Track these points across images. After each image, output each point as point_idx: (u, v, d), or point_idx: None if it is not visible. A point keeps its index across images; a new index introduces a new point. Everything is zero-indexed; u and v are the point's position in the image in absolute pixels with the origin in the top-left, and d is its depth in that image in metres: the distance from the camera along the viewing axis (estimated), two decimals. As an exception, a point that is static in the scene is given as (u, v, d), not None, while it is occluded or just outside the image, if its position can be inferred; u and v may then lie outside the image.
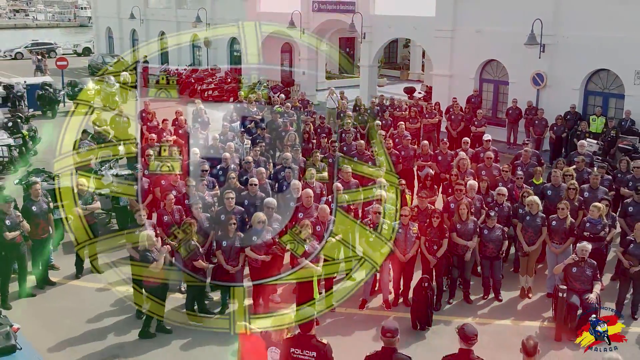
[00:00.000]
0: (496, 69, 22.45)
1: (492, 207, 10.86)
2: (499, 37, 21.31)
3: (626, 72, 18.65)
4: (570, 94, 19.86)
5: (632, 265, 9.48)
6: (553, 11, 19.87)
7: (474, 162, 13.58)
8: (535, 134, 19.16)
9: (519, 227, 10.49)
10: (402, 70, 39.88)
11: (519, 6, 20.57)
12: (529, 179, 12.40)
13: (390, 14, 25.54)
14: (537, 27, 19.66)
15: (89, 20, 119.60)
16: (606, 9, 18.75)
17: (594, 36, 18.92)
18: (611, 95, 19.52)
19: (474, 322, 8.33)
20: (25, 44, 52.93)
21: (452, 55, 23.21)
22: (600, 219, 10.10)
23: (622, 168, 12.99)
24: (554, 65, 20.21)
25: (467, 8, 22.58)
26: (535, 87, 20.65)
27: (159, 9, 40.49)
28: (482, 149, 14.11)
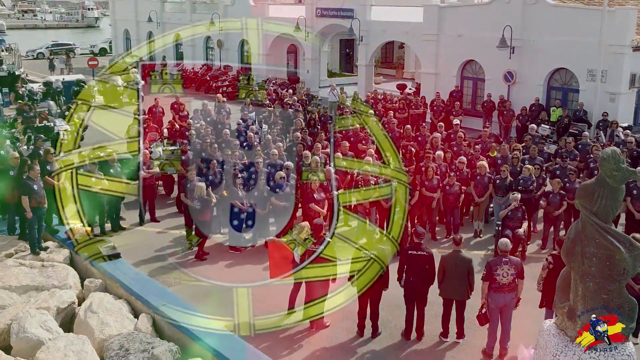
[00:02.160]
0: (474, 68, 26.04)
1: (454, 171, 14.49)
2: (476, 41, 24.90)
3: (580, 71, 22.21)
4: (535, 89, 23.45)
5: (552, 210, 13.10)
6: (521, 19, 23.43)
7: (447, 142, 17.23)
8: (503, 122, 22.78)
9: (472, 185, 14.13)
10: (397, 69, 43.43)
11: (493, 15, 24.17)
12: (487, 153, 16.04)
13: (384, 20, 29.14)
14: (507, 32, 23.19)
15: (95, 21, 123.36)
16: (564, 18, 22.31)
17: (554, 40, 22.49)
18: (569, 89, 23.10)
19: (439, 252, 11.79)
20: (46, 45, 56.57)
21: (437, 56, 26.80)
22: (530, 177, 13.71)
23: (562, 146, 16.60)
24: (522, 65, 23.79)
25: (449, 16, 26.20)
26: (506, 83, 24.23)
27: (175, 13, 44.07)
28: (453, 130, 17.76)
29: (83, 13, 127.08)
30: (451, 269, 9.59)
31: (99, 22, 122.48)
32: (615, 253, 5.57)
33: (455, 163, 15.01)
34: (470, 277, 9.60)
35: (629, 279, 6.17)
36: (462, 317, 9.84)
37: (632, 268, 5.76)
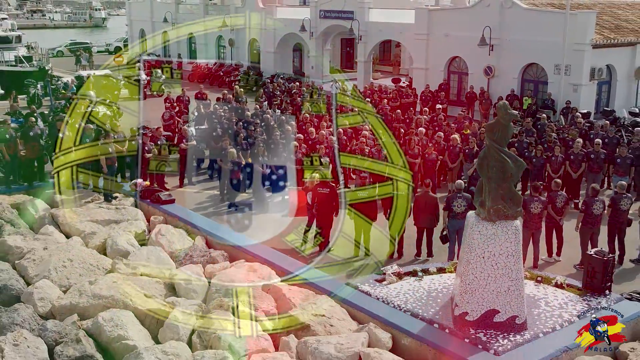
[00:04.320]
0: (459, 64, 29.63)
1: (433, 144, 18.07)
2: (461, 40, 28.46)
3: (549, 65, 25.77)
4: (511, 82, 27.02)
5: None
6: (498, 21, 26.98)
7: (430, 123, 20.85)
8: (482, 110, 26.40)
9: (446, 154, 17.75)
10: (394, 67, 47.04)
11: (474, 17, 27.75)
12: (461, 130, 19.65)
13: (381, 21, 32.78)
14: (487, 32, 26.76)
15: (103, 21, 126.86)
16: (535, 20, 25.87)
17: (527, 39, 26.05)
18: (539, 82, 26.69)
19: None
20: (65, 43, 60.30)
21: (427, 53, 30.37)
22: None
23: (525, 126, 20.20)
24: (499, 61, 27.36)
25: (438, 18, 29.82)
26: (486, 77, 27.81)
27: (188, 14, 47.67)
28: (435, 114, 21.43)
29: (91, 13, 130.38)
30: (422, 205, 13.16)
31: (106, 22, 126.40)
32: (506, 164, 9.09)
33: (435, 138, 18.62)
34: (437, 211, 13.18)
35: (516, 180, 9.72)
36: (430, 240, 13.42)
37: (516, 174, 9.29)
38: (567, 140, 18.26)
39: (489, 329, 9.20)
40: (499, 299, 9.21)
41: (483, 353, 8.76)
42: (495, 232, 9.17)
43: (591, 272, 10.24)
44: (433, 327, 9.52)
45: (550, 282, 10.71)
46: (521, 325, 9.19)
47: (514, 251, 9.24)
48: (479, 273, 9.27)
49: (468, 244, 9.51)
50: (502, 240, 9.16)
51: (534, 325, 9.32)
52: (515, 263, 9.24)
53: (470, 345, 8.93)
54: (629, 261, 13.16)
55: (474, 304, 9.31)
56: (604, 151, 16.68)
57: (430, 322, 9.70)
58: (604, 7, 30.01)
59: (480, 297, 9.28)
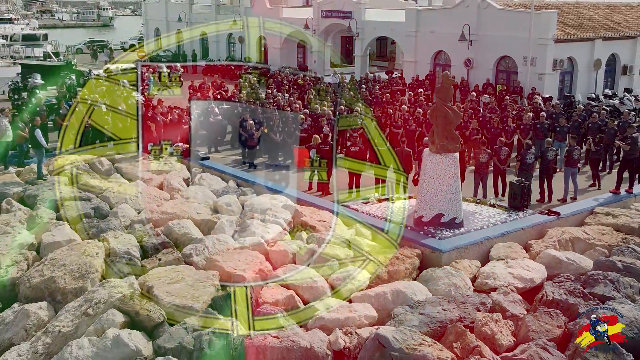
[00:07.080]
0: (443, 57, 33.92)
1: (414, 118, 22.34)
2: (444, 36, 32.72)
3: (518, 58, 30.02)
4: (487, 72, 31.27)
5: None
6: (476, 19, 31.23)
7: (414, 103, 25.17)
8: (461, 96, 30.67)
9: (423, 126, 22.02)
10: (389, 61, 51.41)
11: (456, 16, 32.01)
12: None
13: (376, 20, 37.17)
14: (466, 29, 31.05)
15: (110, 20, 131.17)
16: (507, 18, 30.13)
17: (500, 35, 30.31)
18: (511, 72, 30.95)
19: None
20: (83, 42, 64.71)
21: (415, 47, 34.67)
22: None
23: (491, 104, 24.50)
24: (477, 54, 31.62)
25: (425, 17, 34.16)
26: (466, 68, 32.08)
27: (202, 14, 52.03)
28: (417, 95, 25.78)
29: (98, 13, 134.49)
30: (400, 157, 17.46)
31: (113, 21, 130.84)
32: (448, 114, 13.39)
33: (415, 113, 22.93)
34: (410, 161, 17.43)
35: (454, 126, 14.07)
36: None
37: (454, 121, 13.60)
38: (522, 115, 22.58)
39: (437, 226, 13.49)
40: (444, 206, 13.50)
41: (432, 239, 13.07)
42: (441, 160, 13.48)
43: (513, 195, 14.52)
44: (400, 226, 13.84)
45: (485, 204, 15.01)
46: (459, 224, 13.49)
47: (453, 174, 13.56)
48: (430, 189, 13.57)
49: (423, 169, 13.83)
50: (445, 166, 13.47)
51: (468, 225, 13.62)
52: (454, 182, 13.57)
53: (424, 235, 13.23)
54: (556, 200, 17.42)
55: (427, 210, 13.62)
56: (548, 122, 20.98)
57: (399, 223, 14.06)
58: (571, 7, 34.34)
59: (431, 205, 13.58)
